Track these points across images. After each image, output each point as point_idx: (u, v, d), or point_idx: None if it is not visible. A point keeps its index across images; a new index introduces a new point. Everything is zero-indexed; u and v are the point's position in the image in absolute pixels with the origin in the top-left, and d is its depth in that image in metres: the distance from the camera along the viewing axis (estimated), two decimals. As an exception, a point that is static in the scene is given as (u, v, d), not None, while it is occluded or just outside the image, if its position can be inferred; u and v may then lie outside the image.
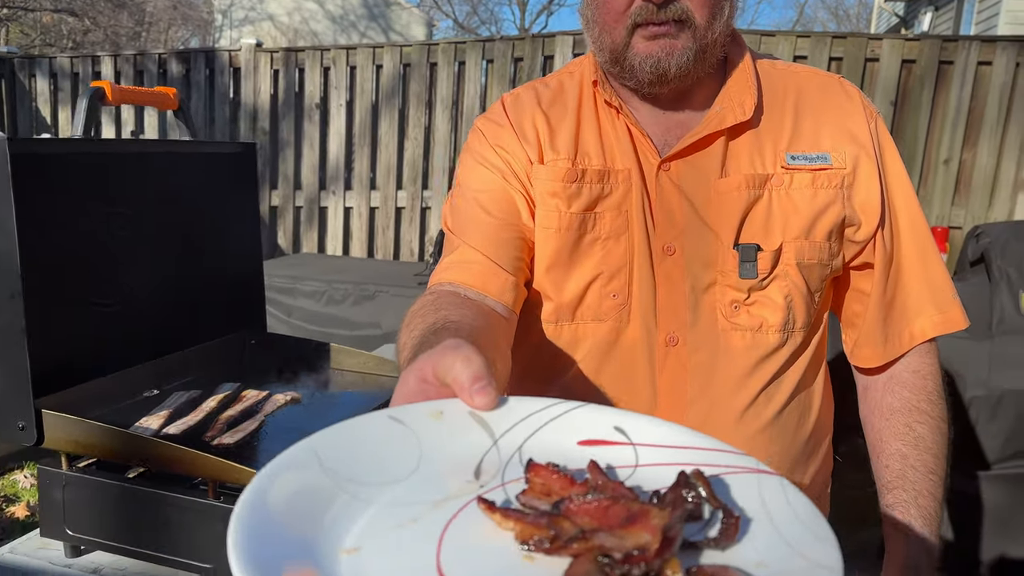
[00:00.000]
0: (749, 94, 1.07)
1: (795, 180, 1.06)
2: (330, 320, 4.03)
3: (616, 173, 1.08)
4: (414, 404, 0.64)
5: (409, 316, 0.99)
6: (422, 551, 0.50)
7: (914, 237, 1.12)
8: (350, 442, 0.58)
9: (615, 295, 1.08)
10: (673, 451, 0.61)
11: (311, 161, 5.44)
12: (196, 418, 1.46)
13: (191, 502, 1.26)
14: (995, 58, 4.41)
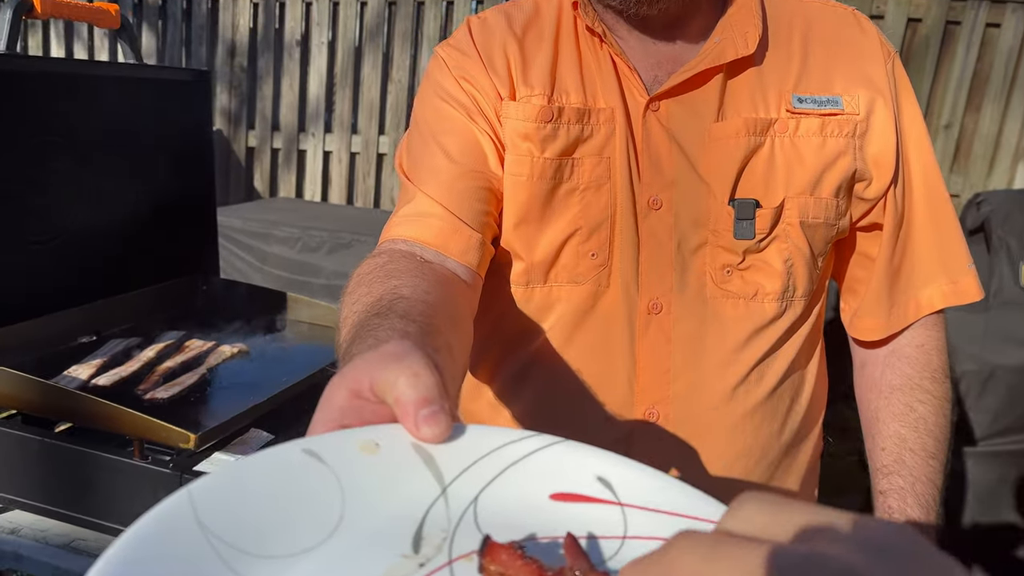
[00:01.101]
0: (753, 25, 0.92)
1: (801, 126, 0.92)
2: (304, 268, 3.89)
3: (598, 112, 0.93)
4: (339, 433, 0.48)
5: (354, 281, 0.84)
6: None
7: (928, 196, 0.99)
8: (242, 492, 0.42)
9: (594, 254, 0.94)
10: (672, 519, 0.46)
11: (290, 101, 5.24)
12: (130, 369, 1.34)
13: (115, 462, 1.14)
14: (1004, 20, 4.26)
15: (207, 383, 1.34)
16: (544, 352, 0.98)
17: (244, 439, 1.20)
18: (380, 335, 0.63)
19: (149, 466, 1.11)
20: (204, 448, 1.12)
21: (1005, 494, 2.72)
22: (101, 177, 1.52)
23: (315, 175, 5.27)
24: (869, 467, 1.04)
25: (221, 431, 1.13)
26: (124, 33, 1.50)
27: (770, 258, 0.93)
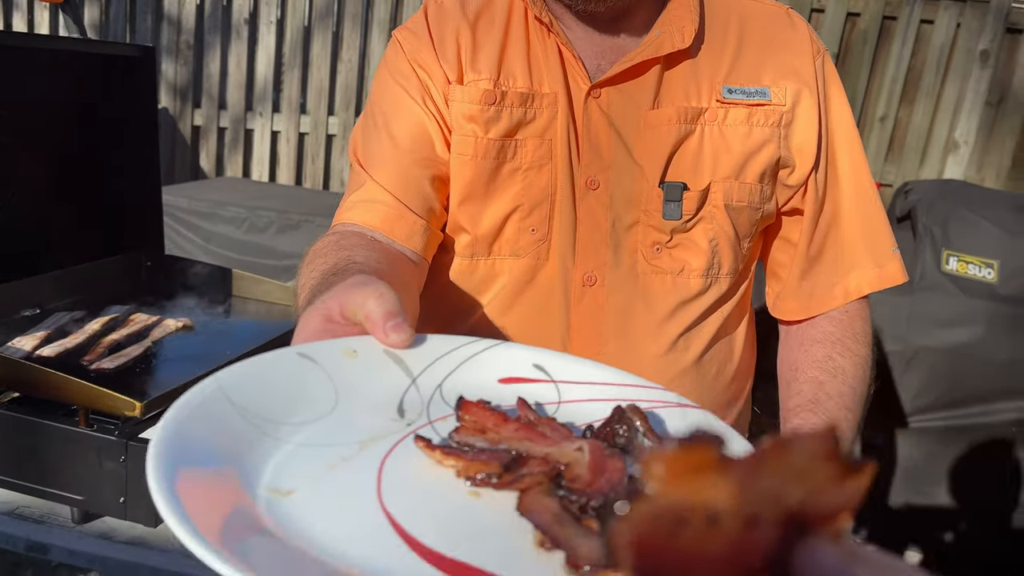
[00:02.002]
0: (689, 20, 0.98)
1: (730, 115, 0.98)
2: (251, 248, 3.87)
3: (541, 97, 0.98)
4: (325, 342, 0.61)
5: (309, 256, 0.92)
6: (361, 492, 0.49)
7: (855, 184, 1.05)
8: (258, 379, 0.55)
9: (534, 229, 1.00)
10: (595, 387, 0.62)
11: (238, 80, 5.18)
12: (75, 340, 1.36)
13: (61, 430, 1.16)
14: (937, 17, 4.41)
15: (152, 355, 1.36)
16: (484, 322, 1.03)
17: (189, 409, 1.23)
18: (339, 283, 0.70)
19: (95, 434, 1.13)
20: (149, 416, 1.15)
21: (932, 470, 2.85)
22: (44, 151, 1.53)
23: (263, 155, 5.23)
24: (780, 413, 1.04)
25: (167, 400, 1.16)
26: (68, 7, 1.50)
27: (696, 237, 1.00)
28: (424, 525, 0.46)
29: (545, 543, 0.46)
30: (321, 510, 0.47)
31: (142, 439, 1.12)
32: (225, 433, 0.50)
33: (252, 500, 0.46)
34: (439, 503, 0.49)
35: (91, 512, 1.20)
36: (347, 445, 0.53)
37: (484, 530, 0.47)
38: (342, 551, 0.43)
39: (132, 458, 1.12)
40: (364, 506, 0.47)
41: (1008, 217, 2.77)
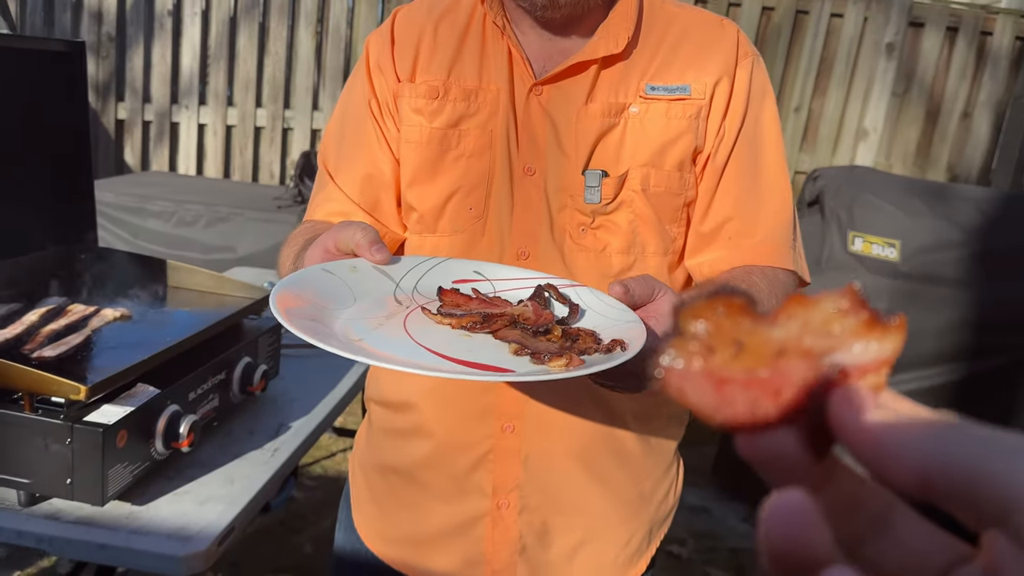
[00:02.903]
0: (625, 28, 1.09)
1: (651, 109, 1.08)
2: (181, 242, 3.85)
3: (486, 93, 1.10)
4: (336, 261, 0.89)
5: (288, 241, 1.12)
6: (400, 336, 0.80)
7: (769, 180, 1.11)
8: (305, 283, 0.84)
9: (472, 208, 1.11)
10: (519, 280, 0.95)
11: (162, 72, 5.10)
12: (14, 331, 1.38)
13: (6, 416, 1.19)
14: (847, 11, 4.64)
15: (92, 343, 1.40)
16: None
17: (131, 392, 1.27)
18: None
19: (41, 418, 1.17)
20: (93, 400, 1.20)
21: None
22: (-28, 146, 1.54)
23: (189, 149, 5.17)
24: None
25: (110, 383, 1.20)
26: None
27: (617, 220, 1.09)
28: (441, 346, 0.77)
29: (519, 350, 0.79)
30: (384, 345, 0.77)
31: (88, 422, 1.17)
32: (305, 306, 0.80)
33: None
34: (447, 338, 0.80)
35: (38, 495, 1.23)
36: (376, 318, 0.83)
37: (478, 347, 0.80)
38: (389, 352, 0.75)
39: (78, 440, 1.16)
40: (402, 340, 0.78)
41: (908, 200, 2.96)
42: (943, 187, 3.31)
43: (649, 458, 1.18)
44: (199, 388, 1.39)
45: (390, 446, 1.22)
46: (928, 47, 4.66)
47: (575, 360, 0.76)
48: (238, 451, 1.45)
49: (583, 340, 0.81)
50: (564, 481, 1.14)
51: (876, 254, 2.89)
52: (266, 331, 1.64)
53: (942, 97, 4.72)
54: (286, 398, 1.68)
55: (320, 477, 3.20)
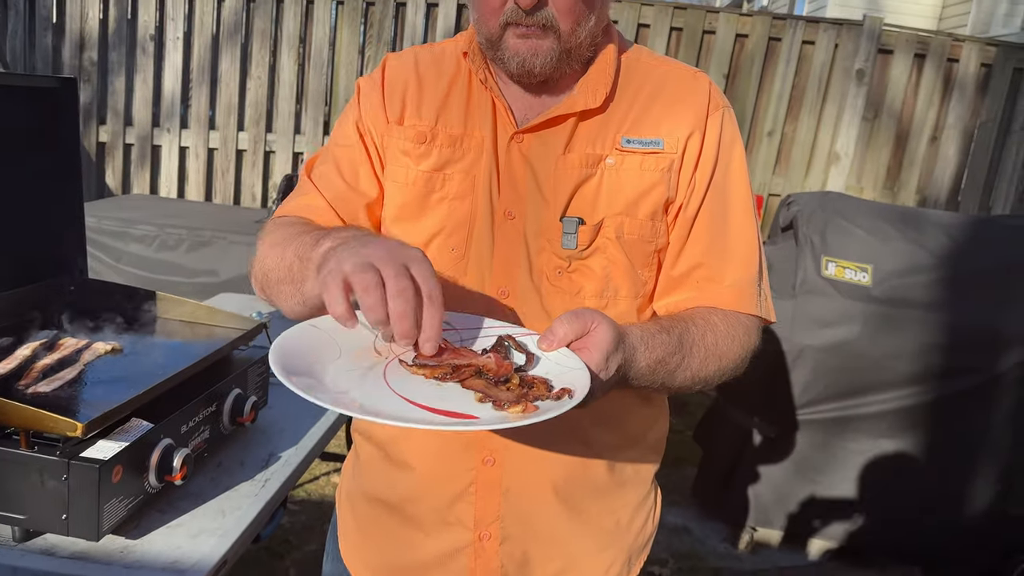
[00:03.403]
0: (603, 84, 1.14)
1: (626, 162, 1.13)
2: (163, 266, 3.86)
3: (470, 139, 1.15)
4: (321, 318, 0.98)
5: (266, 230, 1.14)
6: (380, 386, 0.90)
7: (737, 228, 1.15)
8: (297, 340, 0.95)
9: (453, 249, 1.15)
10: (482, 330, 1.04)
11: (144, 96, 5.12)
12: (8, 366, 1.40)
13: (2, 452, 1.21)
14: (818, 38, 4.76)
15: (85, 378, 1.42)
16: None
17: (125, 427, 1.29)
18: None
19: (37, 455, 1.19)
20: (89, 436, 1.22)
21: (820, 459, 3.08)
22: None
23: (171, 172, 5.19)
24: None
25: (105, 420, 1.23)
26: (-11, 43, 1.54)
27: (592, 265, 1.14)
28: (416, 395, 0.88)
29: (482, 398, 0.89)
30: (364, 396, 0.87)
31: (85, 458, 1.19)
32: (299, 361, 0.90)
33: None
34: (421, 387, 0.91)
35: (32, 530, 1.25)
36: (360, 369, 0.93)
37: (448, 395, 0.90)
38: (370, 404, 0.85)
39: (74, 476, 1.19)
40: (382, 390, 0.89)
41: (880, 226, 3.04)
42: (913, 212, 3.40)
43: (626, 488, 1.22)
44: (191, 421, 1.42)
45: (375, 478, 1.26)
46: (897, 73, 4.79)
47: (530, 407, 0.87)
48: (229, 483, 1.47)
49: (537, 388, 0.91)
50: (543, 512, 1.18)
51: (849, 278, 2.97)
52: (255, 362, 1.67)
53: (911, 122, 4.85)
54: (275, 428, 1.71)
55: (304, 501, 3.22)
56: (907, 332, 2.91)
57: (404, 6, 4.93)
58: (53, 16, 5.13)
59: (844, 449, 3.06)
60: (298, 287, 1.04)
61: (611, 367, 0.95)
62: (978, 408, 2.94)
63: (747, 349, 1.15)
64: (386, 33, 4.96)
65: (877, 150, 4.88)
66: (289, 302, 1.08)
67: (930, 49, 4.74)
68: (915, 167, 4.87)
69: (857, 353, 2.92)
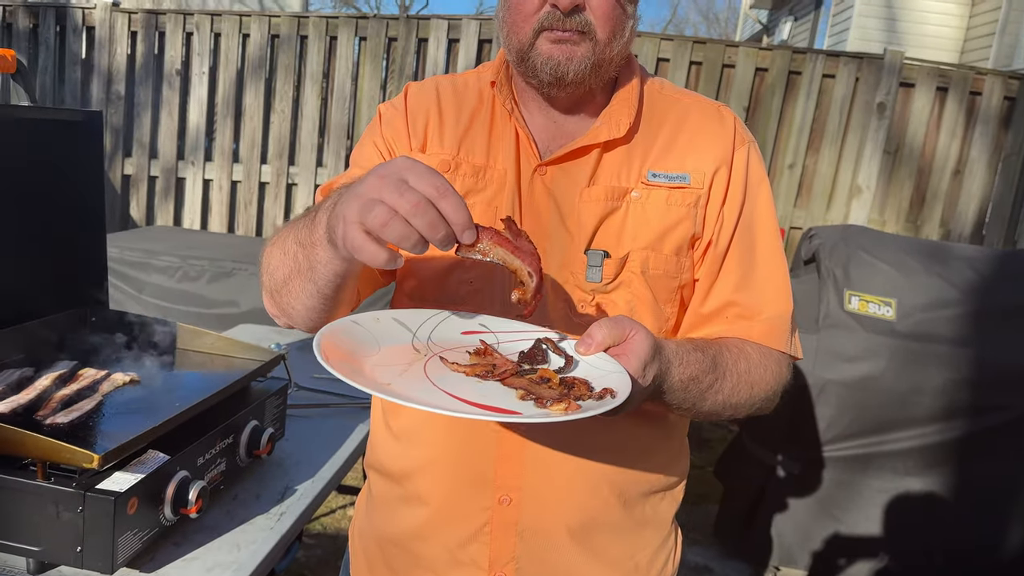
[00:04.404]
0: (626, 114, 1.14)
1: (652, 196, 1.12)
2: (184, 297, 3.89)
3: (494, 170, 1.14)
4: (363, 314, 1.00)
5: (274, 238, 1.10)
6: (422, 380, 0.90)
7: (764, 262, 1.14)
8: (338, 333, 0.95)
9: (472, 282, 1.13)
10: (519, 333, 1.04)
11: (169, 129, 5.21)
12: (28, 396, 1.41)
13: (19, 483, 1.21)
14: (838, 72, 4.76)
15: (103, 409, 1.42)
16: None
17: (142, 459, 1.29)
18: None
19: (53, 486, 1.19)
20: (106, 468, 1.22)
21: (842, 496, 3.03)
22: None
23: (194, 203, 5.25)
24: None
25: (122, 452, 1.22)
26: (19, 77, 1.57)
27: (616, 299, 1.12)
28: (457, 390, 0.88)
29: (524, 395, 0.88)
30: (408, 390, 0.86)
31: (100, 490, 1.19)
32: (342, 351, 0.92)
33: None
34: (462, 383, 0.90)
35: (47, 562, 1.25)
36: (400, 364, 0.93)
37: (489, 392, 0.89)
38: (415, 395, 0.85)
39: (90, 508, 1.18)
40: (424, 384, 0.89)
41: (904, 260, 3.01)
42: (937, 246, 3.37)
43: (646, 530, 1.19)
44: (207, 453, 1.42)
45: (387, 515, 1.24)
46: (919, 106, 4.77)
47: (573, 405, 0.86)
48: (244, 516, 1.46)
49: (578, 388, 0.90)
50: (560, 554, 1.15)
51: (873, 313, 2.93)
52: (273, 393, 1.66)
53: (933, 155, 4.82)
54: (292, 460, 1.70)
55: (320, 535, 3.19)
56: (932, 368, 2.86)
57: (425, 42, 4.99)
58: (83, 51, 5.25)
59: (869, 487, 3.00)
60: (308, 275, 1.00)
61: (648, 375, 0.95)
62: (1006, 446, 2.88)
63: (779, 382, 1.14)
64: (408, 68, 5.02)
65: (899, 183, 4.85)
66: (301, 297, 1.04)
67: (952, 82, 4.73)
68: (938, 200, 4.83)
69: (882, 389, 2.88)
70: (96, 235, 1.82)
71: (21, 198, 1.63)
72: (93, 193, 1.80)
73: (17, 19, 5.32)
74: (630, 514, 1.17)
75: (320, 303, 1.03)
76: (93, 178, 1.80)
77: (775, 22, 14.32)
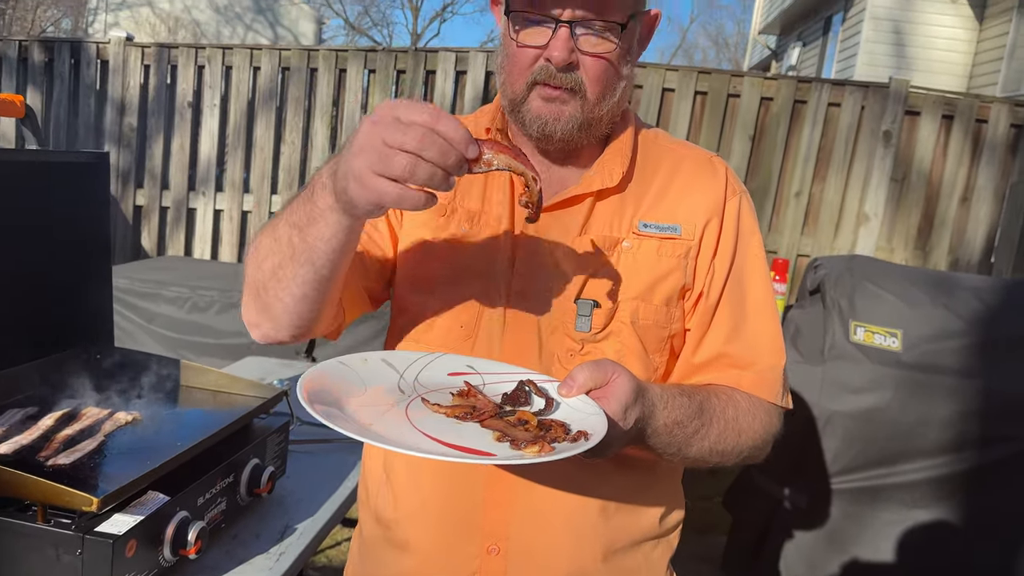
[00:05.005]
0: (619, 164, 1.15)
1: (643, 246, 1.13)
2: (194, 328, 3.92)
3: (488, 215, 1.16)
4: (350, 355, 1.04)
5: (261, 231, 1.09)
6: (402, 421, 0.94)
7: (755, 311, 1.15)
8: (326, 373, 1.00)
9: (463, 326, 1.14)
10: (505, 375, 1.06)
11: (181, 160, 5.27)
12: (30, 437, 1.42)
13: (18, 525, 1.22)
14: (843, 101, 4.77)
15: (105, 449, 1.44)
16: None
17: (141, 500, 1.30)
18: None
19: (52, 529, 1.20)
20: (106, 510, 1.23)
21: (850, 529, 3.00)
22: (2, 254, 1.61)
23: (205, 233, 5.31)
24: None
25: (121, 494, 1.24)
26: (27, 122, 1.61)
27: (605, 349, 1.12)
28: (435, 431, 0.91)
29: (500, 437, 0.91)
30: (387, 431, 0.90)
31: (99, 532, 1.20)
32: (325, 393, 0.95)
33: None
34: (441, 424, 0.93)
35: (46, 604, 1.26)
36: (383, 405, 0.97)
37: (464, 433, 0.92)
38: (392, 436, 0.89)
39: (88, 551, 1.19)
40: (403, 424, 0.92)
41: (909, 290, 3.00)
42: (943, 276, 3.36)
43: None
44: (207, 492, 1.43)
45: (377, 560, 1.24)
46: (925, 134, 4.77)
47: (546, 447, 0.88)
48: (244, 555, 1.47)
49: (555, 430, 0.92)
50: None
51: (879, 344, 2.92)
52: (274, 431, 1.67)
53: (940, 182, 4.82)
54: (292, 498, 1.71)
55: (325, 568, 3.19)
56: (940, 399, 2.84)
57: (433, 73, 5.04)
58: (96, 84, 5.33)
59: (877, 519, 2.97)
60: (303, 258, 0.98)
61: (629, 419, 0.95)
62: (1015, 477, 2.85)
63: (768, 432, 1.15)
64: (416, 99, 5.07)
65: (907, 211, 4.84)
66: (291, 287, 1.02)
67: (957, 110, 4.73)
68: (946, 228, 4.82)
69: (888, 420, 2.86)
70: (102, 273, 1.85)
71: (29, 239, 1.66)
72: (99, 232, 1.83)
73: (32, 53, 5.42)
74: (619, 564, 1.16)
75: (312, 290, 1.01)
76: (100, 217, 1.83)
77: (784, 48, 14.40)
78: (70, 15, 19.49)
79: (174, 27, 17.47)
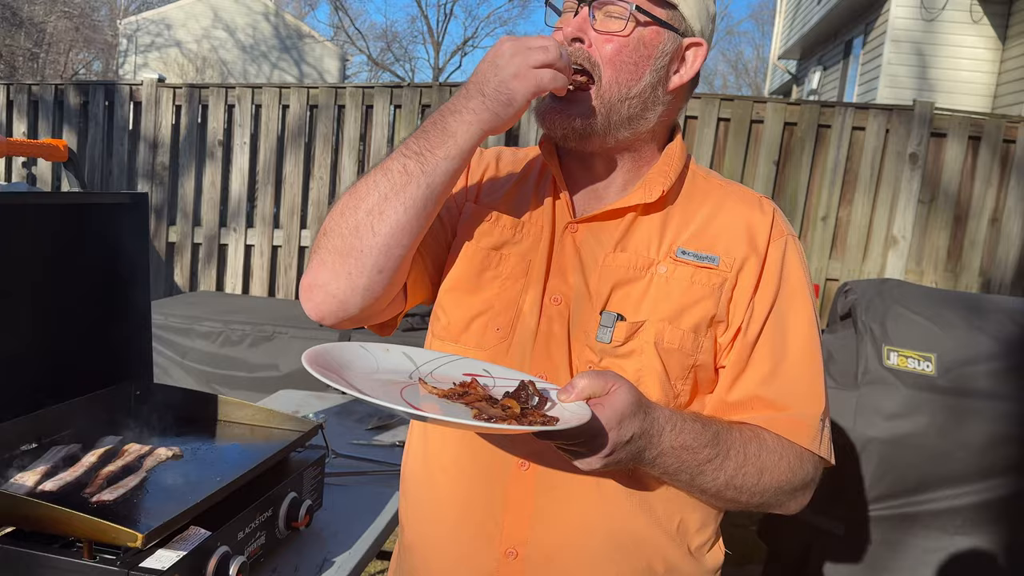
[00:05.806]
0: (660, 183, 1.16)
1: (677, 271, 1.13)
2: (227, 362, 3.97)
3: (530, 226, 1.20)
4: (372, 343, 1.10)
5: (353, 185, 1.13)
6: (390, 391, 0.99)
7: (798, 357, 1.13)
8: (343, 351, 1.06)
9: (499, 328, 1.17)
10: (516, 381, 1.06)
11: (212, 197, 5.37)
12: (75, 474, 1.45)
13: (65, 562, 1.25)
14: (868, 124, 4.77)
15: (147, 485, 1.46)
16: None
17: (184, 536, 1.32)
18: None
19: (98, 565, 1.22)
20: (150, 546, 1.25)
21: (889, 557, 2.95)
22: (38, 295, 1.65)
23: (236, 268, 5.38)
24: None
25: (164, 530, 1.26)
26: (70, 165, 1.66)
27: (625, 366, 1.11)
28: (417, 402, 0.97)
29: (477, 415, 0.95)
30: (367, 388, 0.95)
31: (144, 568, 1.22)
32: (331, 361, 1.02)
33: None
34: (427, 400, 0.99)
35: (92, 639, 1.27)
36: (382, 382, 1.02)
37: (446, 409, 0.96)
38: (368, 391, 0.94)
39: (133, 586, 1.22)
40: (390, 392, 0.97)
41: (941, 313, 2.97)
42: (975, 298, 3.32)
43: None
44: (247, 527, 1.44)
45: (399, 560, 1.30)
46: (951, 156, 4.75)
47: (511, 422, 0.93)
48: (283, 590, 1.48)
49: (532, 416, 0.95)
50: None
51: (912, 368, 2.89)
52: (311, 464, 1.69)
53: (969, 203, 4.78)
54: (330, 531, 1.72)
55: (359, 600, 3.18)
56: (977, 423, 2.80)
57: (458, 106, 5.11)
58: (130, 124, 5.46)
59: (916, 547, 2.91)
60: (417, 181, 1.06)
61: (624, 430, 0.95)
62: (1059, 503, 2.79)
63: (797, 477, 1.11)
64: (441, 132, 5.13)
65: (936, 232, 4.80)
66: (399, 211, 1.06)
67: (984, 131, 4.71)
68: (976, 249, 4.77)
69: (925, 445, 2.82)
70: (142, 310, 1.89)
71: (71, 278, 1.71)
72: (139, 270, 1.87)
73: (68, 97, 5.57)
74: None
75: (415, 218, 1.07)
76: (139, 255, 1.87)
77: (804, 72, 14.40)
78: (101, 58, 20.00)
79: (202, 67, 17.84)
